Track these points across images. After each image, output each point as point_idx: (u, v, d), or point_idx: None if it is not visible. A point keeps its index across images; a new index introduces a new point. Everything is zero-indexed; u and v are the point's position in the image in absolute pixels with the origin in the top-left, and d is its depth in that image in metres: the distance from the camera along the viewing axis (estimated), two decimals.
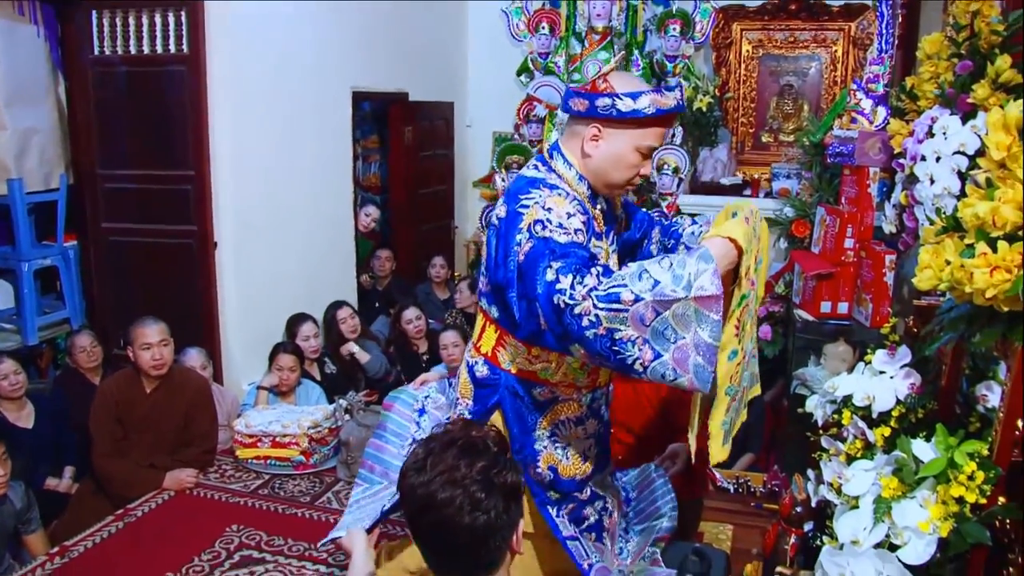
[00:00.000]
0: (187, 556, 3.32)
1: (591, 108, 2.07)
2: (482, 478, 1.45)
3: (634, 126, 2.06)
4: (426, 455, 1.50)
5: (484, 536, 1.45)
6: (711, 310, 1.74)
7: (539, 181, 2.10)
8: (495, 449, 1.52)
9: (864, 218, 4.10)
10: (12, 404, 4.04)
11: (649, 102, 2.02)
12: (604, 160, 2.11)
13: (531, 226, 1.95)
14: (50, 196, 5.04)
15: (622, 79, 2.09)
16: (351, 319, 5.25)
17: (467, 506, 1.42)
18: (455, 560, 1.49)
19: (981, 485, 1.67)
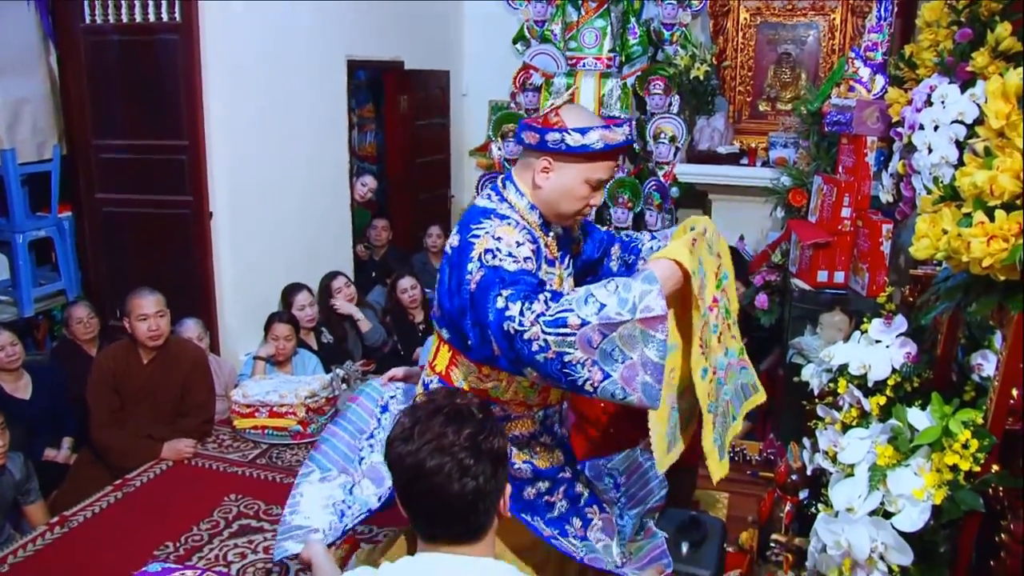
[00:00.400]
0: (186, 525, 3.34)
1: (542, 142, 2.10)
2: (469, 444, 1.47)
3: (583, 160, 2.10)
4: (412, 424, 1.51)
5: (474, 501, 1.47)
6: (656, 330, 1.79)
7: (490, 211, 2.14)
8: (480, 415, 1.54)
9: (861, 187, 4.09)
10: (9, 375, 4.04)
11: (598, 137, 2.07)
12: (554, 192, 2.15)
13: (482, 255, 1.99)
14: (43, 167, 5.01)
15: (573, 113, 2.13)
16: (347, 288, 5.24)
17: (456, 473, 1.45)
18: (446, 526, 1.50)
19: (975, 453, 1.68)
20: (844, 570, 1.78)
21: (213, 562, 3.11)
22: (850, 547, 1.76)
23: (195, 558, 3.13)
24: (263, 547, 3.20)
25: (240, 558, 3.14)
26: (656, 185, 6.38)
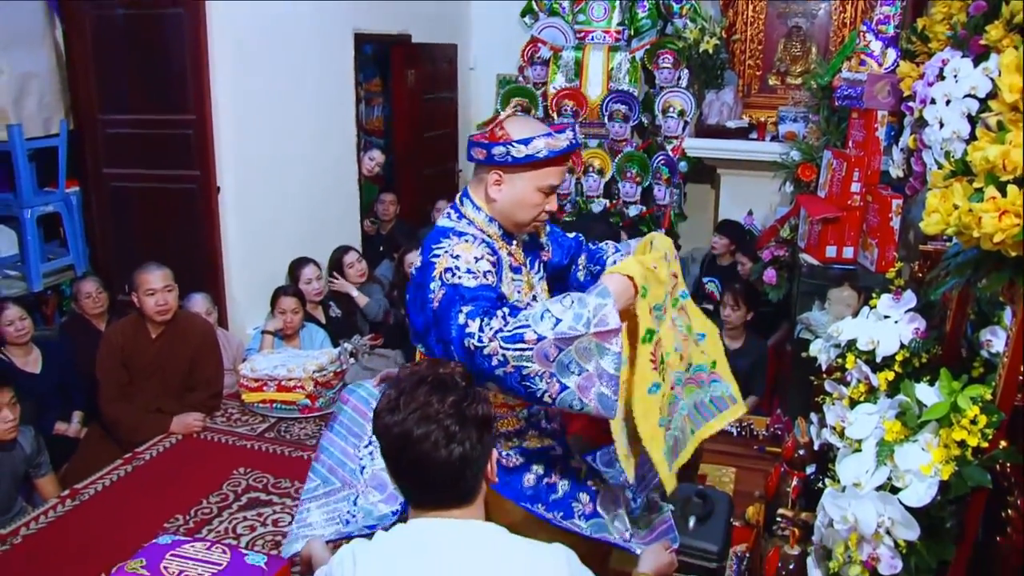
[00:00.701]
0: (195, 499, 3.37)
1: (489, 156, 2.16)
2: (454, 411, 1.51)
3: (531, 168, 2.16)
4: (398, 395, 1.55)
5: (461, 467, 1.51)
6: (610, 343, 1.86)
7: (448, 231, 2.20)
8: (463, 383, 1.58)
9: (871, 162, 4.06)
10: (19, 350, 4.07)
11: (543, 145, 2.13)
12: (508, 203, 2.21)
13: (442, 274, 2.05)
14: (50, 142, 5.01)
15: (516, 125, 2.18)
16: (358, 263, 5.25)
17: (443, 440, 1.49)
18: (435, 493, 1.54)
19: (983, 429, 1.68)
20: (850, 545, 1.78)
21: (222, 535, 3.13)
22: (856, 522, 1.76)
23: (204, 531, 3.16)
24: (272, 520, 3.23)
25: (249, 531, 3.16)
26: (665, 159, 6.36)
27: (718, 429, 2.42)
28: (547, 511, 2.27)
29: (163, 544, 2.02)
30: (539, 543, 1.58)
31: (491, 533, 1.56)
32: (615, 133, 6.46)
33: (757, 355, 4.64)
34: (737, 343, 4.63)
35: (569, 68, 6.61)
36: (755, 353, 4.64)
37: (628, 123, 6.43)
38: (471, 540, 1.53)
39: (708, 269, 5.82)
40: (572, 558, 1.57)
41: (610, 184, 6.61)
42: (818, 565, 1.97)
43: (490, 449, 1.59)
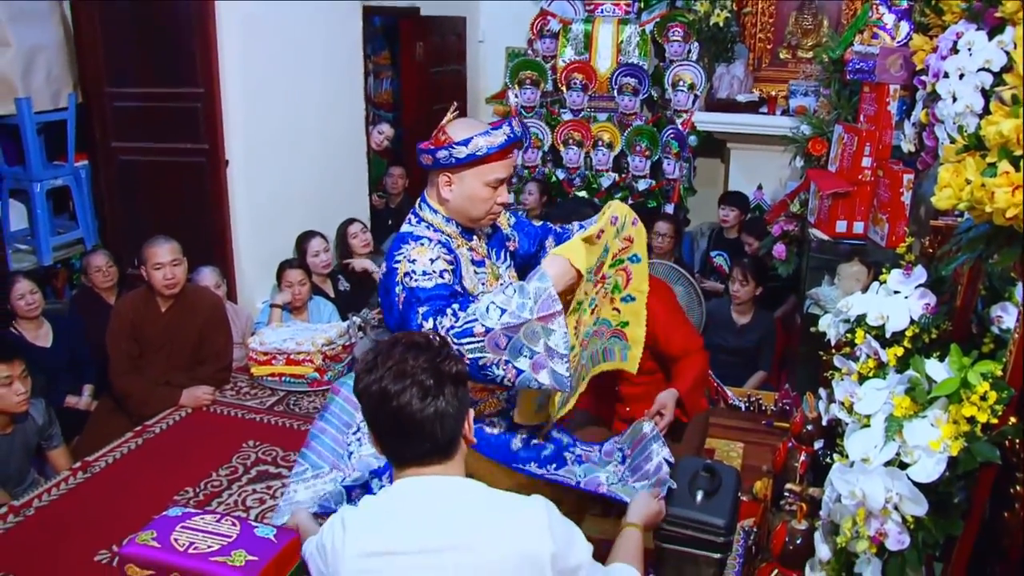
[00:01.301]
0: (205, 471, 3.39)
1: (435, 161, 2.31)
2: (429, 366, 1.58)
3: (475, 165, 2.29)
4: (375, 356, 1.63)
5: (435, 421, 1.57)
6: (554, 324, 2.02)
7: (407, 236, 2.34)
8: (437, 343, 1.66)
9: (882, 136, 4.03)
10: (29, 324, 4.09)
11: (483, 143, 2.26)
12: (460, 201, 2.35)
13: (403, 279, 2.21)
14: (59, 115, 5.02)
15: (457, 127, 2.31)
16: (362, 234, 5.25)
17: (418, 395, 1.55)
18: (414, 448, 1.61)
19: (993, 405, 1.67)
20: (858, 520, 1.78)
21: (232, 507, 3.15)
22: (864, 497, 1.76)
23: (214, 503, 3.19)
24: (281, 493, 3.24)
25: (259, 503, 3.19)
26: (674, 133, 6.32)
27: (595, 372, 2.63)
28: (539, 467, 2.40)
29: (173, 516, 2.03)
30: (518, 495, 1.65)
31: (471, 487, 1.63)
32: (624, 107, 6.42)
33: (765, 330, 4.64)
34: (745, 318, 4.63)
35: (578, 41, 6.57)
36: (763, 328, 4.64)
37: (638, 97, 6.39)
38: (452, 494, 1.60)
39: (716, 243, 5.80)
40: (551, 507, 1.62)
41: (619, 158, 6.58)
42: (825, 540, 1.98)
43: (466, 406, 1.65)
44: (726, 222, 5.69)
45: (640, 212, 2.65)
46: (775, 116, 6.10)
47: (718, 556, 2.21)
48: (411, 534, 1.55)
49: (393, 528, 1.56)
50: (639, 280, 2.61)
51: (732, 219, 5.66)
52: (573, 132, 6.61)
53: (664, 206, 6.43)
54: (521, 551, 1.54)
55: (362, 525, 1.59)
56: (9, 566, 2.77)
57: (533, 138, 6.75)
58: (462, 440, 1.66)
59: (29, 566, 2.77)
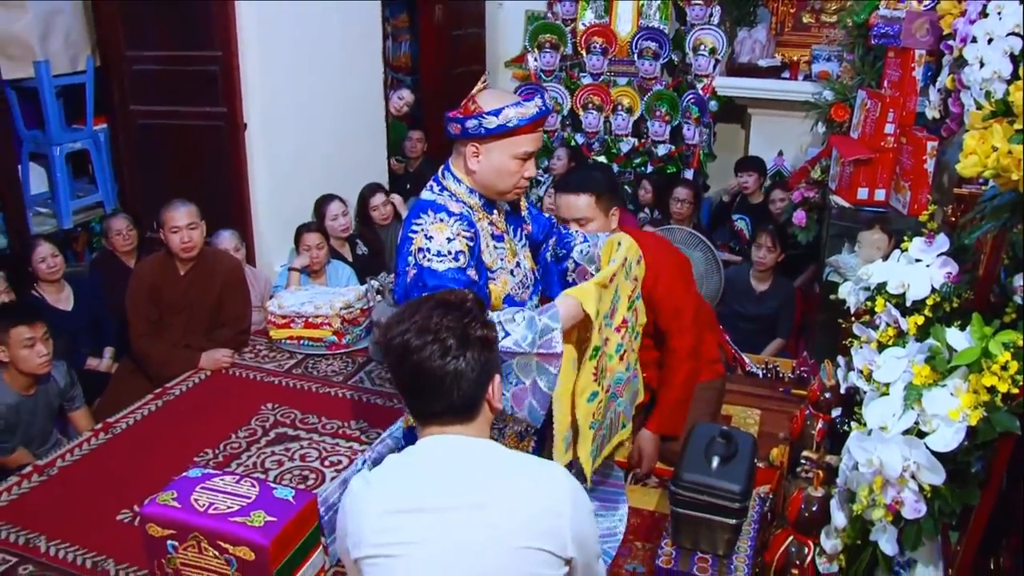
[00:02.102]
0: (224, 433, 3.42)
1: (464, 130, 2.29)
2: (454, 326, 1.59)
3: (505, 137, 2.28)
4: (404, 309, 1.66)
5: (454, 380, 1.57)
6: (551, 365, 2.09)
7: (428, 205, 2.31)
8: (468, 305, 1.66)
9: (907, 103, 3.97)
10: (51, 287, 4.12)
11: (513, 114, 2.24)
12: (487, 173, 2.33)
13: (415, 253, 2.23)
14: (77, 79, 5.02)
15: (487, 97, 2.30)
16: (383, 207, 5.25)
17: (438, 352, 1.56)
18: (432, 403, 1.61)
19: (1014, 375, 1.66)
20: (875, 488, 1.79)
21: (251, 469, 3.19)
22: (882, 465, 1.76)
23: (234, 464, 3.22)
24: (299, 455, 3.28)
25: (277, 465, 3.22)
26: (694, 98, 6.26)
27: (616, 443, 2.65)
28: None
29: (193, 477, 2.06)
30: (538, 458, 1.69)
31: (491, 447, 1.64)
32: (644, 71, 6.35)
33: (784, 297, 4.62)
34: (764, 285, 4.61)
35: (599, 4, 6.49)
36: (782, 295, 4.61)
37: (658, 61, 6.32)
38: (472, 453, 1.61)
39: (740, 207, 5.76)
40: (568, 474, 1.64)
41: (639, 123, 6.52)
42: (841, 507, 1.98)
43: (491, 370, 1.65)
44: (747, 188, 5.65)
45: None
46: (797, 81, 6.02)
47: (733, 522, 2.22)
48: (432, 491, 1.56)
49: (414, 485, 1.57)
50: (642, 313, 2.67)
51: (752, 184, 5.61)
52: (593, 96, 6.56)
53: (683, 171, 6.38)
54: (541, 510, 1.55)
55: (384, 482, 1.60)
56: (33, 524, 2.82)
57: (552, 102, 6.70)
58: (485, 404, 1.66)
59: (53, 525, 2.82)
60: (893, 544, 1.83)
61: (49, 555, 2.67)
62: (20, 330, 3.32)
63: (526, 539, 1.53)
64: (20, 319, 3.35)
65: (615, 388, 2.47)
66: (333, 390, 3.81)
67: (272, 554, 1.85)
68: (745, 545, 2.27)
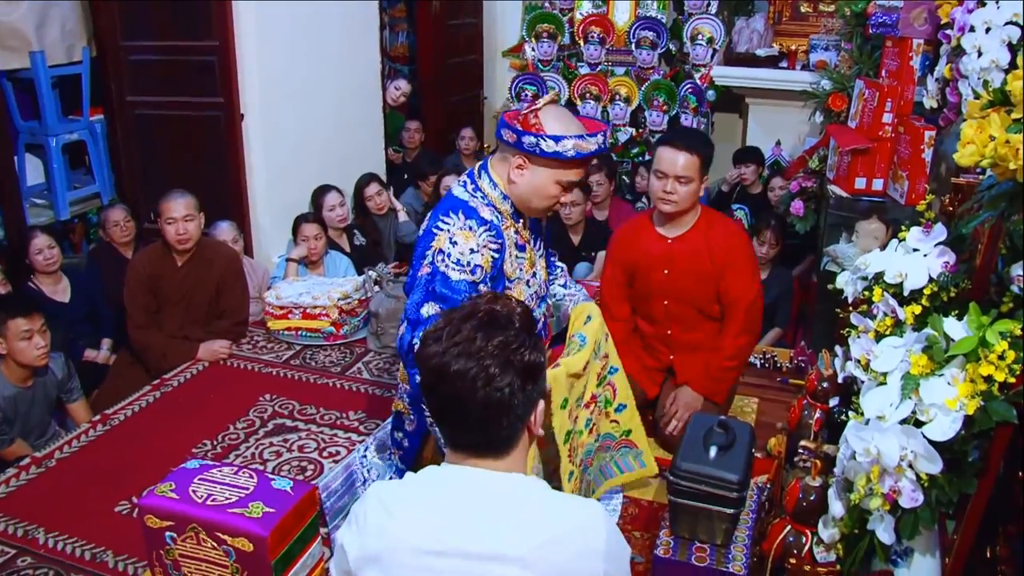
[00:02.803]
0: (222, 424, 3.43)
1: (519, 142, 2.25)
2: (498, 353, 1.40)
3: (556, 164, 2.26)
4: (445, 325, 1.46)
5: (497, 413, 1.41)
6: None
7: (460, 206, 2.30)
8: (517, 325, 1.46)
9: (904, 92, 3.96)
10: (48, 278, 4.11)
11: (571, 146, 2.22)
12: (527, 189, 2.33)
13: (436, 252, 2.23)
14: (73, 69, 5.01)
15: (551, 117, 2.27)
16: (378, 196, 5.26)
17: (481, 380, 1.38)
18: (469, 435, 1.46)
19: (1011, 364, 1.66)
20: (872, 477, 1.79)
21: (249, 460, 3.19)
22: (879, 455, 1.76)
23: (232, 456, 3.22)
24: (298, 446, 3.28)
25: (275, 456, 3.22)
26: (692, 88, 6.25)
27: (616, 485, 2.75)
28: None
29: (191, 468, 2.06)
30: (576, 500, 1.52)
31: (528, 489, 1.47)
32: (642, 61, 6.34)
33: (782, 287, 4.62)
34: (763, 274, 4.61)
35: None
36: (780, 285, 4.61)
37: (656, 50, 6.31)
38: (508, 496, 1.44)
39: (739, 197, 5.75)
40: (608, 516, 1.49)
41: (636, 112, 6.51)
42: (839, 496, 1.98)
43: (535, 400, 1.47)
44: (746, 180, 5.64)
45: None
46: (795, 71, 6.01)
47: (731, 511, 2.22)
48: (466, 536, 1.40)
49: (446, 525, 1.42)
50: (623, 389, 2.69)
51: (751, 175, 5.61)
52: (590, 86, 6.54)
53: None
54: (581, 571, 1.42)
55: (411, 515, 1.44)
56: (32, 516, 2.82)
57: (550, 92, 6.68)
58: (525, 433, 1.50)
59: (51, 517, 2.82)
60: (890, 533, 1.83)
61: (48, 547, 2.68)
62: (17, 322, 3.31)
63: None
64: (17, 311, 3.35)
65: (585, 460, 2.55)
66: (331, 381, 3.81)
67: (271, 545, 1.85)
68: (743, 534, 2.27)
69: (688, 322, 3.17)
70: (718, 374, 3.10)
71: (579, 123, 2.32)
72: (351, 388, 3.75)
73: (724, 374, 3.11)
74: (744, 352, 3.16)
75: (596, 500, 2.45)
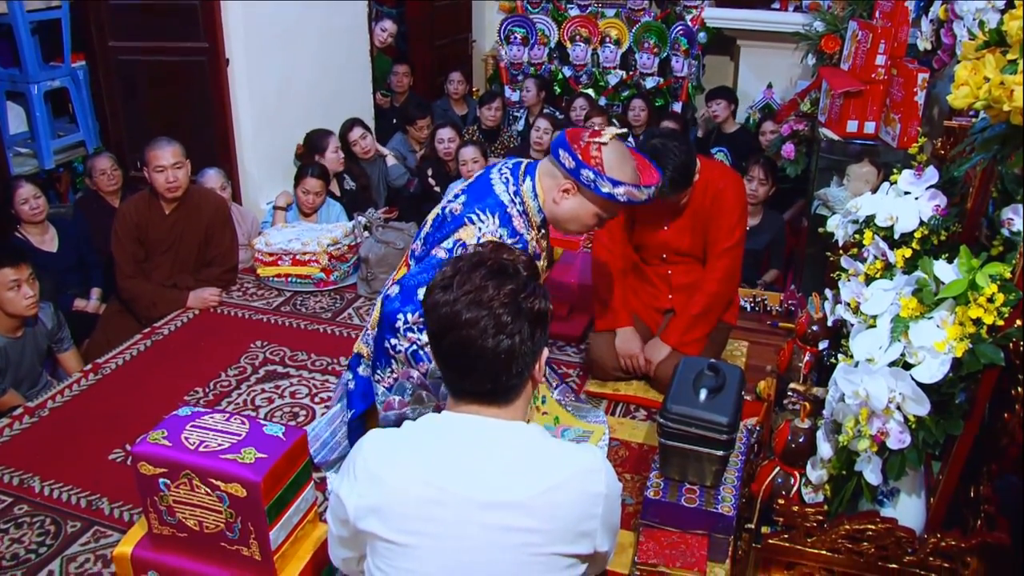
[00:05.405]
0: (214, 372, 3.43)
1: (576, 171, 2.26)
2: (509, 301, 1.42)
3: (604, 203, 2.30)
4: (453, 273, 1.47)
5: (507, 360, 1.42)
6: None
7: (498, 208, 2.31)
8: (525, 274, 1.49)
9: (898, 34, 3.92)
10: (35, 228, 4.08)
11: (624, 192, 2.25)
12: (567, 213, 2.35)
13: (459, 242, 2.25)
14: (52, 14, 4.90)
15: (614, 157, 2.26)
16: (362, 140, 5.21)
17: (491, 328, 1.40)
18: (475, 382, 1.47)
19: (1000, 307, 1.67)
20: (860, 419, 1.81)
21: (242, 407, 3.20)
22: (868, 397, 1.77)
23: (224, 403, 3.23)
24: (289, 392, 3.29)
25: (267, 403, 3.23)
26: (683, 30, 6.18)
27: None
28: None
29: (183, 416, 2.06)
30: (576, 448, 1.54)
31: (530, 437, 1.49)
32: (633, 2, 6.27)
33: (775, 231, 4.61)
34: (755, 219, 4.60)
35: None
36: (773, 229, 4.61)
37: None
38: (512, 444, 1.46)
39: (717, 139, 5.72)
40: (607, 462, 1.52)
41: (627, 55, 6.45)
42: (827, 438, 2.00)
43: (541, 348, 1.49)
44: (717, 116, 5.59)
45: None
46: (787, 12, 5.95)
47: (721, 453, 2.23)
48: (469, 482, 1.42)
49: (450, 473, 1.43)
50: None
51: (722, 111, 5.57)
52: (580, 28, 6.46)
53: (672, 104, 6.33)
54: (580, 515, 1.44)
55: (412, 463, 1.45)
56: (26, 465, 2.83)
57: (539, 34, 6.60)
58: (529, 383, 1.51)
59: (46, 465, 2.83)
60: (877, 474, 1.86)
61: (44, 495, 2.69)
62: (5, 272, 3.29)
63: (561, 546, 1.43)
64: (4, 261, 3.32)
65: None
66: (322, 327, 3.81)
67: (264, 490, 1.85)
68: (732, 476, 2.29)
69: (687, 266, 3.21)
70: (685, 324, 3.12)
71: (635, 166, 2.32)
72: (342, 334, 3.75)
73: (692, 324, 3.12)
74: (715, 303, 3.14)
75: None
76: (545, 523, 1.42)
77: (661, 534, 2.22)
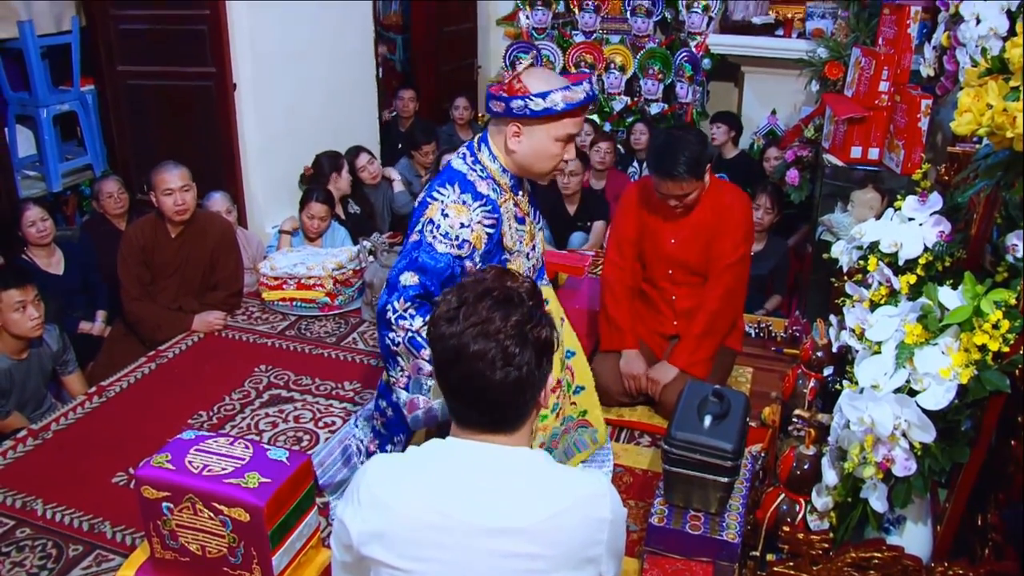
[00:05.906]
0: (218, 395, 3.43)
1: (508, 109, 2.24)
2: (516, 332, 1.40)
3: (549, 120, 2.25)
4: (459, 304, 1.44)
5: (515, 391, 1.41)
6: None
7: (458, 178, 2.31)
8: (530, 303, 1.46)
9: (901, 60, 3.94)
10: (41, 251, 4.09)
11: (560, 99, 2.21)
12: (527, 154, 2.31)
13: (427, 222, 2.25)
14: (63, 39, 4.94)
15: (534, 77, 2.26)
16: (370, 165, 5.23)
17: (499, 360, 1.39)
18: (482, 413, 1.46)
19: (1005, 334, 1.67)
20: (866, 446, 1.80)
21: (245, 431, 3.20)
22: (873, 423, 1.77)
23: (227, 427, 3.23)
24: (293, 416, 3.29)
25: (271, 427, 3.23)
26: (688, 56, 6.21)
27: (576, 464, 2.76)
28: None
29: (187, 439, 2.05)
30: (581, 474, 1.53)
31: (534, 463, 1.48)
32: (637, 29, 6.30)
33: (778, 257, 4.61)
34: (759, 245, 4.59)
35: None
36: (776, 255, 4.61)
37: (651, 18, 6.27)
38: (516, 470, 1.45)
39: (717, 165, 5.71)
40: (612, 488, 1.51)
41: (632, 81, 6.48)
42: (832, 465, 1.99)
43: (547, 376, 1.48)
44: (714, 139, 5.60)
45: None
46: (791, 39, 5.97)
47: (726, 480, 2.23)
48: (473, 509, 1.40)
49: (454, 500, 1.41)
50: (581, 371, 2.75)
51: (721, 136, 5.58)
52: (585, 54, 6.50)
53: None
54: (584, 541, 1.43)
55: (416, 488, 1.44)
56: (29, 488, 2.83)
57: (544, 60, 6.64)
58: (535, 409, 1.50)
59: (48, 488, 2.83)
60: (883, 501, 1.84)
61: (46, 518, 2.69)
62: (11, 293, 3.30)
63: (565, 572, 1.42)
64: (10, 282, 3.33)
65: (550, 443, 2.58)
66: (326, 351, 3.82)
67: (267, 515, 1.85)
68: (737, 503, 2.28)
69: (691, 289, 3.23)
70: (691, 345, 3.15)
71: (562, 78, 2.32)
72: (346, 358, 3.75)
73: (697, 345, 3.15)
74: (716, 321, 3.16)
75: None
76: (550, 549, 1.40)
77: (665, 561, 2.21)
